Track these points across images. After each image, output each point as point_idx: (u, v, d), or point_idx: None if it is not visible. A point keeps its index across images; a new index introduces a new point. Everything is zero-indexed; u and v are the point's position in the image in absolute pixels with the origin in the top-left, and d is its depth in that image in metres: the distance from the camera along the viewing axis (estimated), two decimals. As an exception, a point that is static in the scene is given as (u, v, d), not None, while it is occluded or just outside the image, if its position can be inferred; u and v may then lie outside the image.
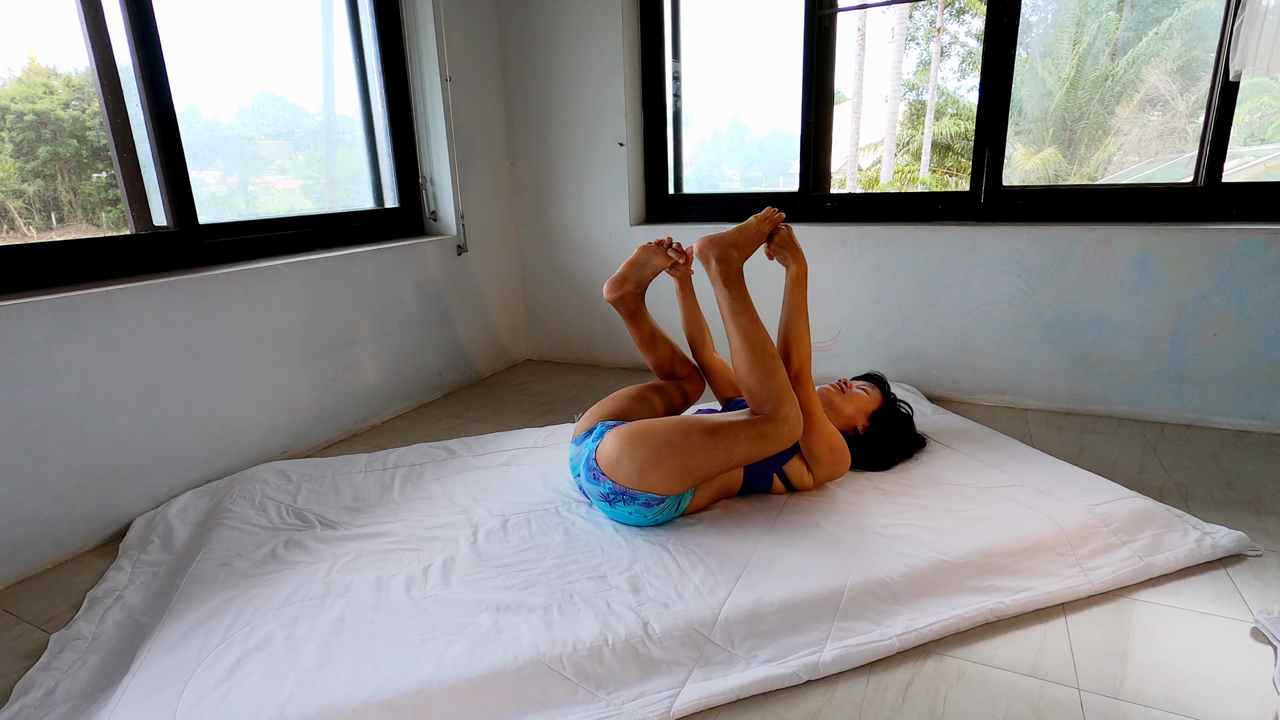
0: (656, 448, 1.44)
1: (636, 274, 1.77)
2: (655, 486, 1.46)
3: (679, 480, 1.47)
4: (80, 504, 1.65)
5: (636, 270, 1.77)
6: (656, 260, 1.74)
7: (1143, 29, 7.42)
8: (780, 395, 1.48)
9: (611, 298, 1.79)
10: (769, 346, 1.51)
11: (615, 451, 1.47)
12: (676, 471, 1.46)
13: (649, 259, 1.75)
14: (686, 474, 1.47)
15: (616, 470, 1.47)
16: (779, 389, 1.49)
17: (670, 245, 1.74)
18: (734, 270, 1.57)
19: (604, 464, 1.49)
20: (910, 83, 11.41)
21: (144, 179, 1.90)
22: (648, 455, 1.44)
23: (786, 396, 1.49)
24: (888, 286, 2.52)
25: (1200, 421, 2.19)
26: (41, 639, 1.32)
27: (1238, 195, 2.18)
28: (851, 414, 1.86)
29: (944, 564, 1.36)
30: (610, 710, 1.08)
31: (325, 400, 2.26)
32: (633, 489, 1.47)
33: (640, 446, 1.45)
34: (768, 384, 1.49)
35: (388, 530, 1.61)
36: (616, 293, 1.78)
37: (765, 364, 1.49)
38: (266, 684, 1.11)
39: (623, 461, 1.46)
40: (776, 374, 1.49)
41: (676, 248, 1.75)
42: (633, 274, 1.77)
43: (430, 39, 2.56)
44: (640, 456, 1.44)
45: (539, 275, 3.16)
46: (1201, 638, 1.22)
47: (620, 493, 1.48)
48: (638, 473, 1.45)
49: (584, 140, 2.88)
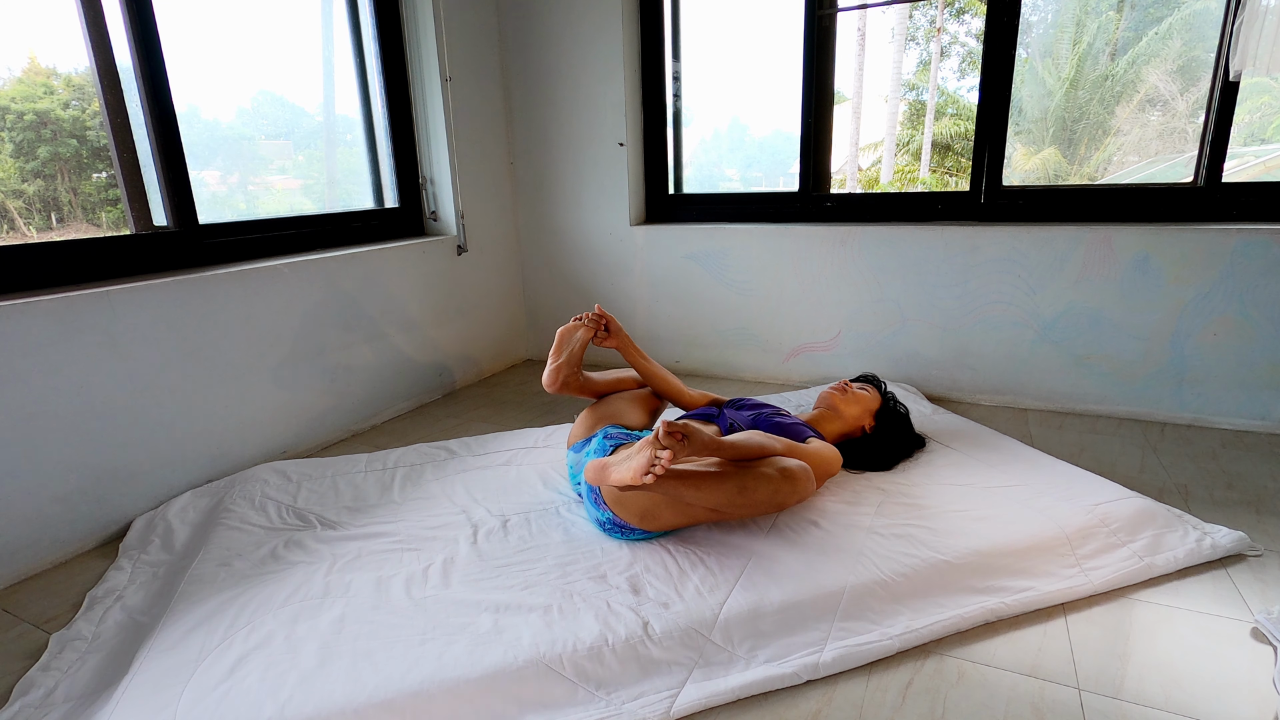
0: (658, 504, 1.42)
1: (566, 357, 1.69)
2: (655, 530, 1.48)
3: (680, 525, 1.50)
4: (80, 504, 1.65)
5: (564, 352, 1.69)
6: (579, 334, 1.69)
7: (1143, 29, 7.41)
8: (780, 500, 1.38)
9: (555, 389, 1.69)
10: (729, 489, 1.34)
11: (620, 495, 1.44)
12: (677, 523, 1.48)
13: (570, 336, 1.70)
14: (687, 524, 1.50)
15: (618, 509, 1.47)
16: (772, 498, 1.37)
17: (585, 317, 1.71)
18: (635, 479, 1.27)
19: (608, 498, 1.48)
20: (910, 83, 11.41)
21: (144, 179, 1.90)
22: (648, 508, 1.43)
23: (784, 493, 1.37)
24: (888, 286, 2.52)
25: (1200, 421, 2.19)
26: (41, 639, 1.32)
27: (1238, 195, 2.18)
28: (857, 415, 1.86)
29: (944, 564, 1.36)
30: (610, 710, 1.08)
31: (325, 400, 2.26)
32: (634, 527, 1.48)
33: (641, 499, 1.42)
34: (759, 505, 1.38)
35: (388, 530, 1.61)
36: (556, 383, 1.68)
37: (743, 500, 1.36)
38: (266, 684, 1.11)
39: (625, 506, 1.45)
40: (759, 493, 1.35)
41: (593, 314, 1.71)
42: (563, 359, 1.68)
43: (430, 39, 2.56)
44: (640, 508, 1.44)
45: (539, 275, 3.16)
46: (1201, 638, 1.22)
47: (621, 524, 1.49)
48: (638, 520, 1.46)
49: (584, 140, 2.88)
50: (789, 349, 2.75)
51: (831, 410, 1.86)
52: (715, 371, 2.91)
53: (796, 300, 2.68)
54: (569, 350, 1.69)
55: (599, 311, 1.73)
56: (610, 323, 1.74)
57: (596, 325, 1.72)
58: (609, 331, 1.74)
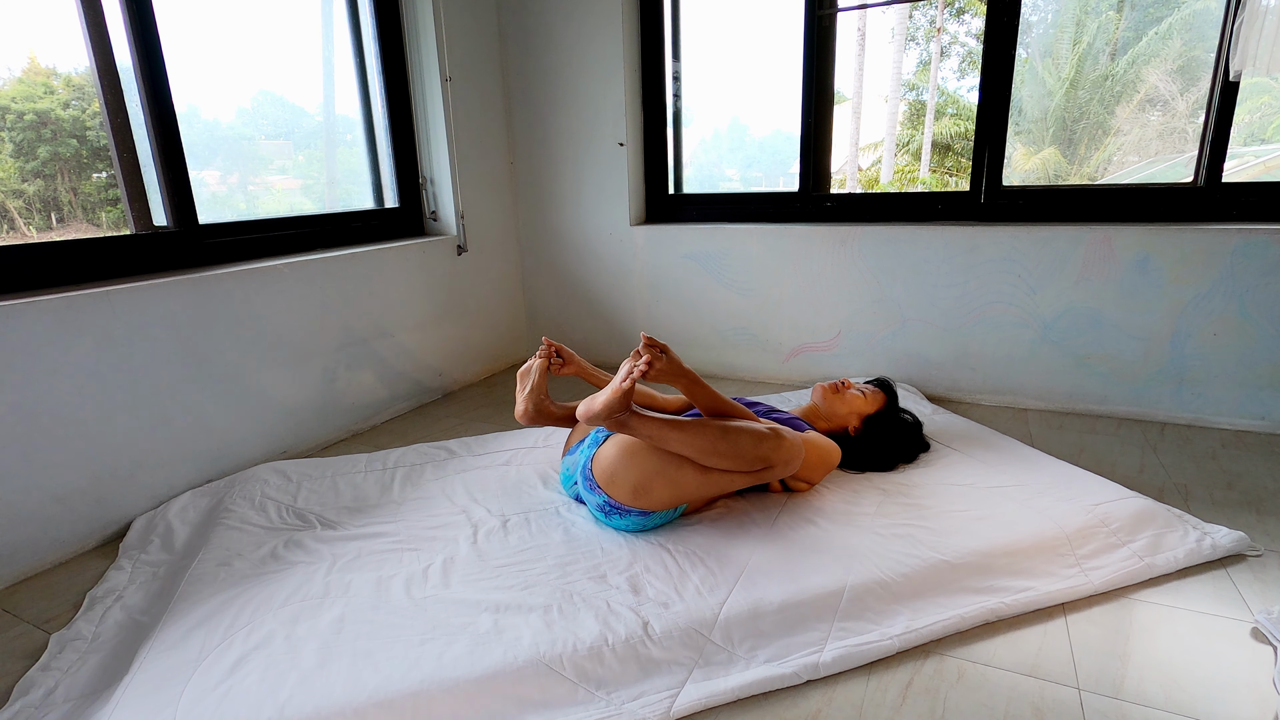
0: (649, 475, 1.44)
1: (530, 387, 1.70)
2: (649, 507, 1.48)
3: (672, 503, 1.50)
4: (80, 504, 1.65)
5: (525, 387, 1.71)
6: (536, 364, 1.72)
7: (1143, 29, 7.42)
8: (764, 453, 1.45)
9: (527, 421, 1.71)
10: (712, 433, 1.43)
11: (610, 468, 1.47)
12: (669, 499, 1.48)
13: (529, 372, 1.72)
14: (679, 499, 1.50)
15: (610, 488, 1.48)
16: (756, 449, 1.44)
17: (540, 352, 1.73)
18: (625, 419, 1.40)
19: (600, 478, 1.49)
20: (910, 83, 11.41)
21: (144, 179, 1.90)
22: (639, 481, 1.44)
23: (768, 446, 1.45)
24: (888, 286, 2.52)
25: (1200, 421, 2.19)
26: (41, 639, 1.32)
27: (1238, 195, 2.18)
28: (844, 414, 1.85)
29: (944, 564, 1.36)
30: (610, 710, 1.08)
31: (325, 400, 2.26)
32: (627, 506, 1.48)
33: (633, 470, 1.44)
34: (743, 455, 1.44)
35: (388, 530, 1.61)
36: (529, 413, 1.70)
37: (727, 446, 1.43)
38: (266, 684, 1.11)
39: (616, 481, 1.46)
40: (742, 441, 1.44)
41: (544, 348, 1.73)
42: (528, 394, 1.70)
43: (430, 39, 2.56)
44: (632, 480, 1.45)
45: (539, 275, 3.16)
46: (1201, 638, 1.22)
47: (615, 506, 1.49)
48: (630, 495, 1.46)
49: (584, 140, 2.88)
50: (789, 349, 2.75)
51: (821, 404, 1.86)
52: (715, 371, 2.91)
53: (796, 300, 2.68)
54: (531, 381, 1.72)
55: (547, 343, 1.75)
56: (561, 350, 1.76)
57: (548, 354, 1.74)
58: (562, 359, 1.76)
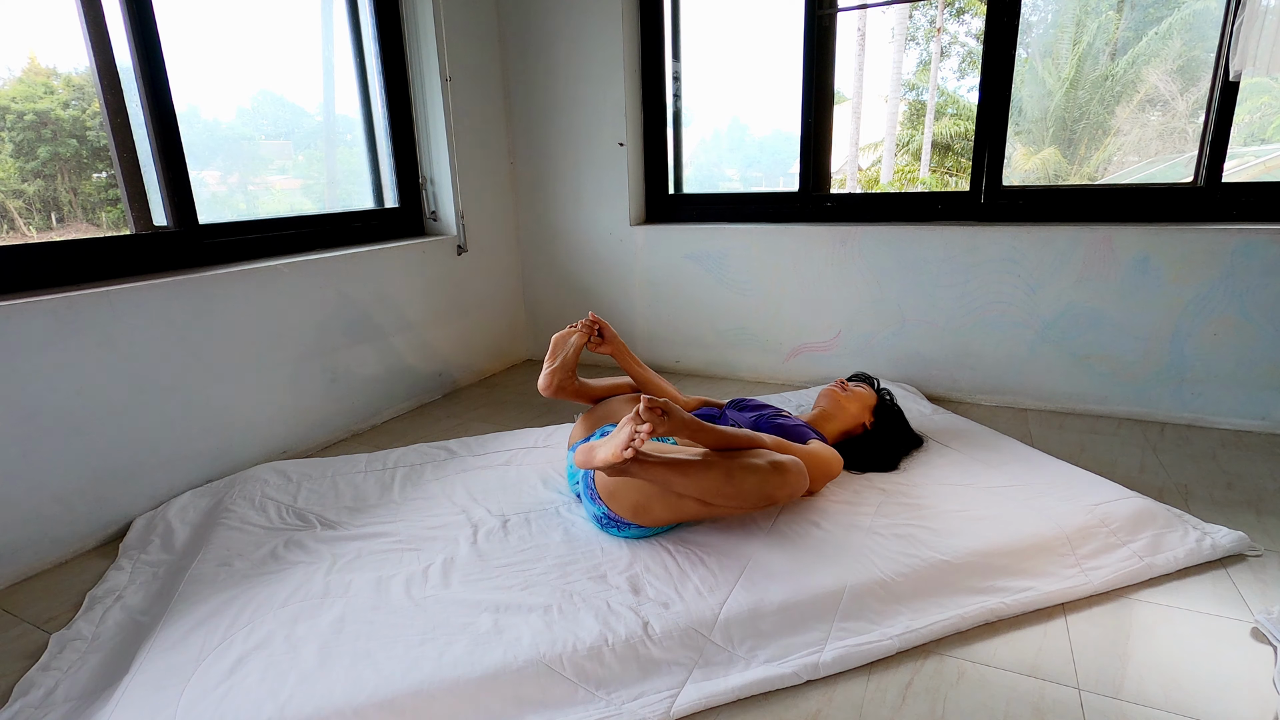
0: (650, 497, 1.42)
1: (561, 361, 1.70)
2: (648, 524, 1.48)
3: (672, 522, 1.50)
4: (80, 504, 1.65)
5: (558, 357, 1.70)
6: (573, 339, 1.71)
7: (1143, 29, 7.41)
8: (768, 492, 1.37)
9: (550, 393, 1.70)
10: (716, 477, 1.35)
11: (612, 485, 1.45)
12: (668, 519, 1.48)
13: (564, 342, 1.71)
14: (679, 520, 1.50)
15: (612, 502, 1.47)
16: (760, 489, 1.36)
17: (579, 324, 1.73)
18: (627, 467, 1.31)
19: (602, 491, 1.49)
20: (910, 83, 11.41)
21: (144, 179, 1.90)
22: (640, 501, 1.43)
23: (772, 484, 1.37)
24: (887, 286, 2.52)
25: (1200, 421, 2.19)
26: (41, 639, 1.32)
27: (1238, 195, 2.18)
28: (857, 411, 1.87)
29: (944, 564, 1.36)
30: (610, 710, 1.08)
31: (325, 400, 2.26)
32: (627, 521, 1.48)
33: (634, 491, 1.43)
34: (746, 496, 1.37)
35: (388, 530, 1.61)
36: (551, 386, 1.70)
37: (731, 490, 1.36)
38: (266, 684, 1.11)
39: (617, 498, 1.46)
40: (746, 484, 1.35)
41: (587, 321, 1.73)
42: (557, 363, 1.69)
43: (430, 39, 2.56)
44: (633, 500, 1.44)
45: (539, 275, 3.16)
46: (1201, 638, 1.22)
47: (615, 519, 1.49)
48: (630, 513, 1.46)
49: (584, 140, 2.88)
50: (789, 349, 2.75)
51: (833, 407, 1.87)
52: (715, 372, 2.91)
53: (796, 300, 2.68)
54: (563, 355, 1.70)
55: (592, 318, 1.74)
56: (604, 329, 1.75)
57: (590, 330, 1.73)
58: (603, 337, 1.75)
